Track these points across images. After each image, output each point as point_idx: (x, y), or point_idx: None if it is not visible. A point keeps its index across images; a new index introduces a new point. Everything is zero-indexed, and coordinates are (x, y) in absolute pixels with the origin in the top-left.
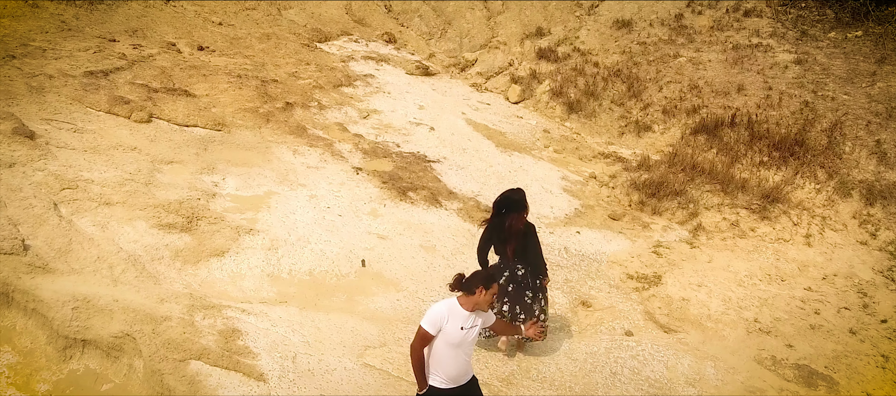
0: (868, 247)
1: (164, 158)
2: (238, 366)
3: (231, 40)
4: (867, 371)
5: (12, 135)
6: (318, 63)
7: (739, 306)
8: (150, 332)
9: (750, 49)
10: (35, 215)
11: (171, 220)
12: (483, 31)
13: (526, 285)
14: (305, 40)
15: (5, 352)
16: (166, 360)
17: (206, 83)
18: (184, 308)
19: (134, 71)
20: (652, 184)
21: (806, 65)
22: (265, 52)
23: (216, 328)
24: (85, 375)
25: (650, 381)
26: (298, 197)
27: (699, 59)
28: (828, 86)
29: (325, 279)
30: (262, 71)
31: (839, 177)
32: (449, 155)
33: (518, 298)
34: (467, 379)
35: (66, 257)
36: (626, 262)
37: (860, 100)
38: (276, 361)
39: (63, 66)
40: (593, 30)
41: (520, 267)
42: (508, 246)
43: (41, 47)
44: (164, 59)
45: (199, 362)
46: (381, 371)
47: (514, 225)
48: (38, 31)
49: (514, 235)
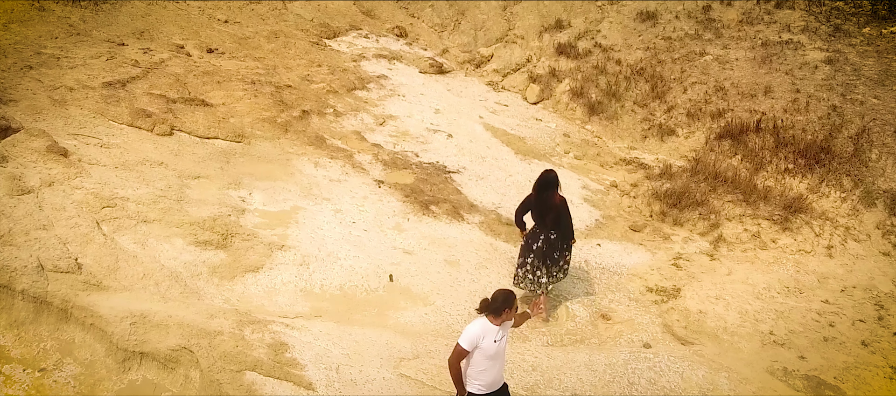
0: (890, 258)
1: (190, 173)
2: (289, 376)
3: (239, 40)
4: (875, 382)
5: (47, 152)
6: (330, 64)
7: (756, 319)
8: (207, 345)
9: (779, 46)
10: (81, 234)
11: (206, 237)
12: (499, 24)
13: (556, 247)
14: (314, 37)
15: (68, 364)
16: (224, 371)
17: (221, 91)
18: (233, 323)
19: (149, 79)
20: (673, 193)
21: (837, 65)
22: (275, 52)
23: (265, 341)
24: (144, 385)
25: (665, 391)
26: (324, 211)
27: (726, 57)
28: (857, 89)
29: (356, 294)
30: (274, 75)
31: (864, 185)
32: (468, 164)
33: (549, 255)
34: (500, 386)
35: (115, 274)
36: (646, 275)
37: (890, 105)
38: (321, 372)
39: (80, 76)
40: (616, 22)
41: (553, 232)
42: (547, 217)
43: (55, 55)
44: (176, 64)
45: (253, 373)
46: (417, 381)
47: (552, 200)
48: (47, 36)
49: (552, 208)
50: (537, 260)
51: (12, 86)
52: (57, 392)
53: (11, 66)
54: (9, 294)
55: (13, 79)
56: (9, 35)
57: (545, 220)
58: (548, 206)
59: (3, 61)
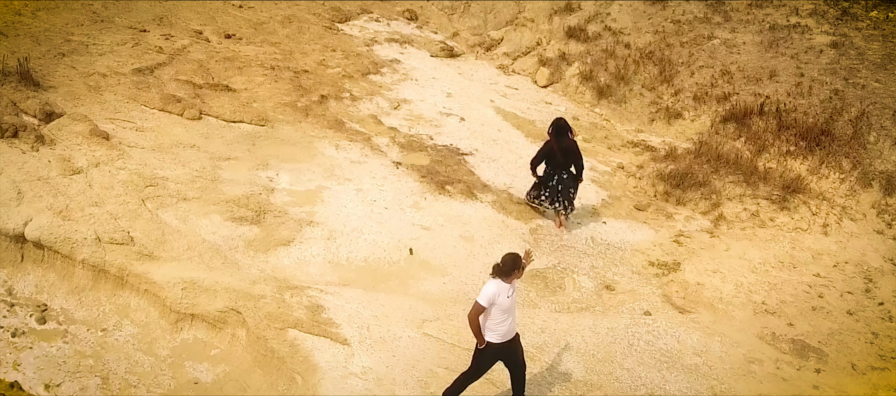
0: (883, 236)
1: (221, 155)
2: (326, 333)
3: (255, 25)
4: (856, 346)
5: (90, 136)
6: (344, 48)
7: (750, 290)
8: (252, 307)
9: (787, 30)
10: (130, 210)
11: (241, 214)
12: (508, 6)
13: (568, 184)
14: (326, 21)
15: (126, 325)
16: (269, 329)
17: (242, 76)
18: (273, 288)
19: (175, 66)
20: (677, 174)
21: (841, 49)
22: (290, 37)
23: (303, 304)
24: (195, 343)
25: (662, 352)
26: (346, 191)
27: (734, 40)
28: (860, 73)
29: (379, 265)
30: (291, 60)
31: (862, 167)
32: (480, 147)
33: (564, 192)
34: (513, 335)
35: (163, 246)
36: (649, 251)
37: (891, 88)
38: (354, 330)
39: (110, 63)
40: (626, 5)
41: (565, 173)
42: (562, 158)
43: (83, 42)
44: (197, 50)
45: (295, 330)
46: (438, 340)
47: (566, 142)
48: (74, 23)
49: (567, 150)
50: (552, 195)
51: (50, 73)
52: (118, 349)
53: (45, 53)
54: (70, 263)
55: (49, 66)
56: (38, 23)
57: (561, 161)
58: (564, 148)
59: (37, 49)
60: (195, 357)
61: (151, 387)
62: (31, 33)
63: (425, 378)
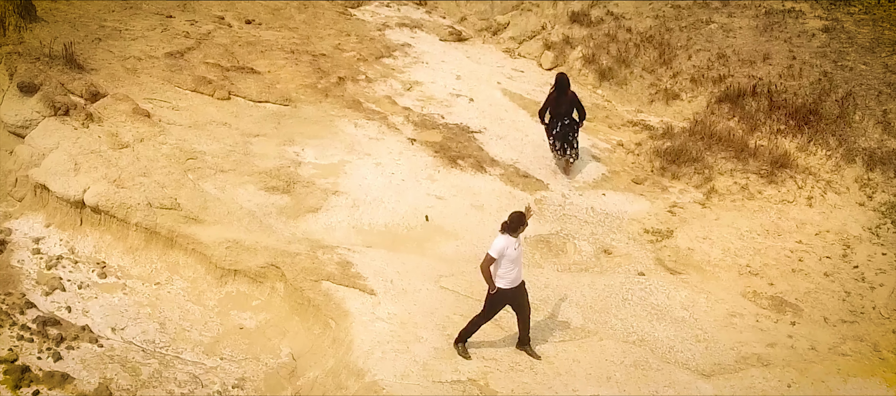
0: (864, 208)
1: (250, 132)
2: (355, 285)
3: (272, 11)
4: (829, 303)
5: (133, 114)
6: (358, 33)
7: (736, 255)
8: (290, 263)
9: (781, 15)
10: (175, 180)
11: (273, 184)
12: None
13: (571, 130)
14: (339, 7)
15: (177, 280)
16: (305, 281)
17: (265, 60)
18: (307, 247)
19: (202, 50)
20: (673, 151)
21: (833, 33)
22: (306, 23)
23: (334, 260)
24: (238, 295)
25: (653, 306)
26: (367, 164)
27: (730, 25)
28: (849, 56)
29: (398, 231)
30: (308, 44)
31: (847, 144)
32: (488, 125)
33: (566, 137)
34: (520, 283)
35: (205, 212)
36: (644, 220)
37: (877, 71)
38: (380, 283)
39: (144, 47)
40: None
41: (567, 119)
42: (564, 108)
43: (117, 28)
44: (221, 35)
45: (328, 282)
46: (454, 292)
47: (570, 93)
48: (106, 10)
49: (568, 101)
50: (557, 141)
51: (91, 56)
52: (171, 300)
53: (84, 38)
54: (125, 226)
55: (89, 50)
56: (73, 9)
57: (563, 111)
58: (565, 100)
59: (75, 34)
60: (239, 306)
61: (202, 332)
62: (68, 19)
63: (443, 323)
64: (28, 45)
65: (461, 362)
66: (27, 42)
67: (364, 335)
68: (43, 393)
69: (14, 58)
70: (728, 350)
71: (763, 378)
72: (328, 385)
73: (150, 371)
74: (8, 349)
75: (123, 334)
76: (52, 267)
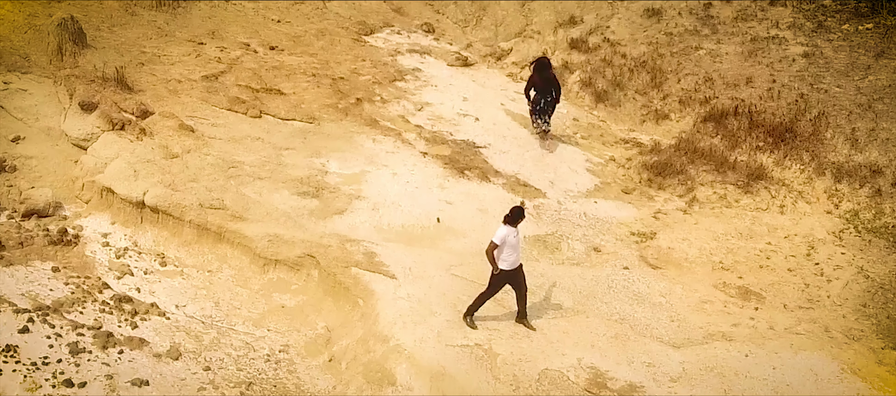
0: (831, 216)
1: (282, 145)
2: (379, 270)
3: (293, 38)
4: (790, 293)
5: (179, 129)
6: (372, 58)
7: (711, 253)
8: (323, 253)
9: (766, 41)
10: (219, 185)
11: (304, 190)
12: (517, 20)
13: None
14: (354, 34)
15: (226, 269)
16: (336, 267)
17: (290, 82)
18: (337, 241)
19: (234, 73)
20: (659, 165)
21: (811, 58)
22: (325, 49)
23: (360, 251)
24: (278, 281)
25: (635, 293)
26: (384, 174)
27: (718, 51)
28: (825, 79)
29: (413, 231)
30: (328, 68)
31: (818, 159)
32: (493, 141)
33: (547, 112)
34: (518, 266)
35: (248, 212)
36: (631, 224)
37: (849, 93)
38: (399, 269)
39: (182, 71)
40: (624, 18)
41: (548, 96)
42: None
43: (156, 54)
44: (249, 60)
45: (356, 268)
46: (462, 278)
47: (548, 74)
48: (144, 37)
49: (549, 81)
50: (539, 117)
51: (137, 79)
52: (222, 284)
53: (129, 63)
54: (179, 223)
55: (135, 73)
56: (114, 37)
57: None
58: (546, 80)
59: (121, 59)
60: (280, 290)
61: (250, 309)
62: (112, 46)
63: (454, 302)
64: (83, 68)
65: (469, 331)
66: (82, 66)
67: (388, 310)
68: (125, 353)
69: (72, 80)
70: (697, 329)
71: (725, 350)
72: (358, 350)
73: (211, 338)
74: (93, 319)
75: (185, 310)
76: (120, 256)
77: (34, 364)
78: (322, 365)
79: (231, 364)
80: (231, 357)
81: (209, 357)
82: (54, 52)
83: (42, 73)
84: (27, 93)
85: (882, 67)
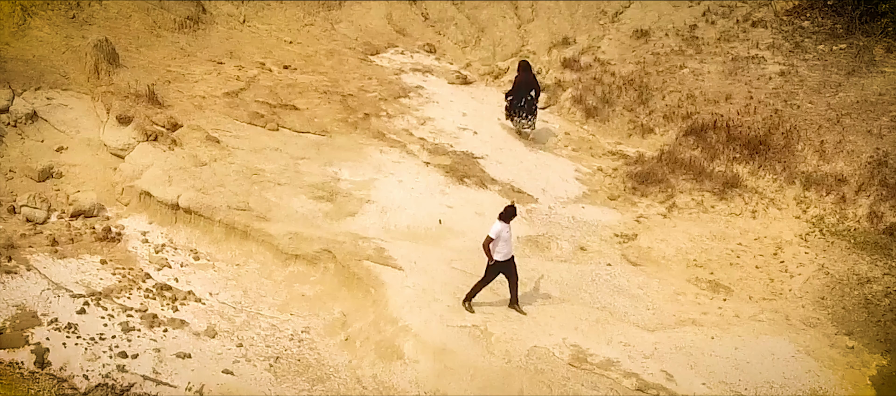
0: (799, 220)
1: (297, 155)
2: (388, 263)
3: (304, 58)
4: (756, 286)
5: (206, 140)
6: (378, 77)
7: (686, 252)
8: (339, 248)
9: (745, 61)
10: (244, 189)
11: (319, 194)
12: (514, 40)
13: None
14: (360, 54)
15: (251, 262)
16: (350, 260)
17: (303, 99)
18: (351, 238)
19: (252, 91)
20: (642, 174)
21: (787, 76)
22: (334, 68)
23: (371, 247)
24: (298, 273)
25: (616, 285)
26: (391, 181)
27: (701, 70)
28: (798, 96)
29: (418, 231)
30: (337, 86)
31: (789, 169)
32: (490, 153)
33: (530, 109)
34: (511, 257)
35: (270, 213)
36: (615, 227)
37: (820, 108)
38: (406, 263)
39: (205, 88)
40: (614, 39)
41: (531, 95)
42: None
43: (180, 72)
44: (265, 78)
45: (368, 262)
46: (462, 271)
47: (530, 76)
48: (169, 58)
49: (531, 82)
50: (520, 114)
51: (166, 95)
52: (249, 276)
53: (157, 80)
54: (210, 223)
55: (164, 90)
56: (142, 57)
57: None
58: (528, 81)
59: (150, 77)
60: (300, 281)
61: (275, 297)
62: (141, 65)
63: (454, 291)
64: (117, 85)
65: (467, 315)
66: (116, 83)
67: (396, 297)
68: (169, 332)
69: (108, 96)
70: (670, 316)
71: (693, 333)
72: (371, 331)
73: (241, 320)
74: (140, 303)
75: (218, 297)
76: (159, 251)
77: (92, 338)
78: (339, 344)
79: (260, 342)
80: (260, 336)
81: (241, 336)
82: (91, 70)
83: (80, 90)
84: (68, 108)
85: (852, 85)
